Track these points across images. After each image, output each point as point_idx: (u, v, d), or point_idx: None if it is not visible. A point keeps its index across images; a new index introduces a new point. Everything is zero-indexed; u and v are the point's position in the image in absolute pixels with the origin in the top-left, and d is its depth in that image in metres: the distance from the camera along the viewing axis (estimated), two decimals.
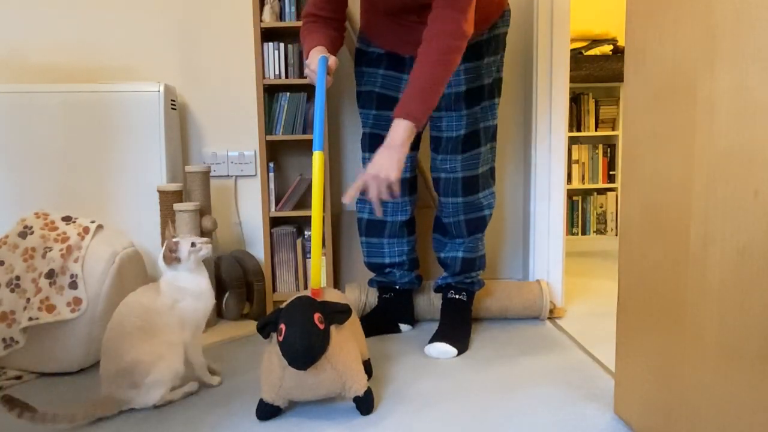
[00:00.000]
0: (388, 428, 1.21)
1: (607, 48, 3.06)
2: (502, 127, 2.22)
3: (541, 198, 2.04)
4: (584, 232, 3.32)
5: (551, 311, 1.95)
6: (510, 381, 1.43)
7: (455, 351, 1.62)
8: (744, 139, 0.80)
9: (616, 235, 3.31)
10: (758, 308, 0.78)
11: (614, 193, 3.30)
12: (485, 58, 1.63)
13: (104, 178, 1.92)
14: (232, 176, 2.22)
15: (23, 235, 1.56)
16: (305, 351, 1.14)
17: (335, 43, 1.57)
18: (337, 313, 1.22)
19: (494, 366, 1.54)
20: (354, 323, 1.37)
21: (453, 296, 1.78)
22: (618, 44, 3.06)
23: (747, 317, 0.80)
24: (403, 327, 1.84)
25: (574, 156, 3.27)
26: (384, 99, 1.68)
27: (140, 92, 1.91)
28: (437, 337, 1.66)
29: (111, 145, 1.91)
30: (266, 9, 1.96)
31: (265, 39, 1.98)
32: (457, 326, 1.71)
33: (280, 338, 1.16)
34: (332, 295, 1.37)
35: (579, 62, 2.98)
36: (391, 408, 1.30)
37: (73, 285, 1.49)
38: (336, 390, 1.23)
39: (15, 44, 2.14)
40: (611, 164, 3.29)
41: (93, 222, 1.62)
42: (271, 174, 2.03)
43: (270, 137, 2.00)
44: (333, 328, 1.22)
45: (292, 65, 2.01)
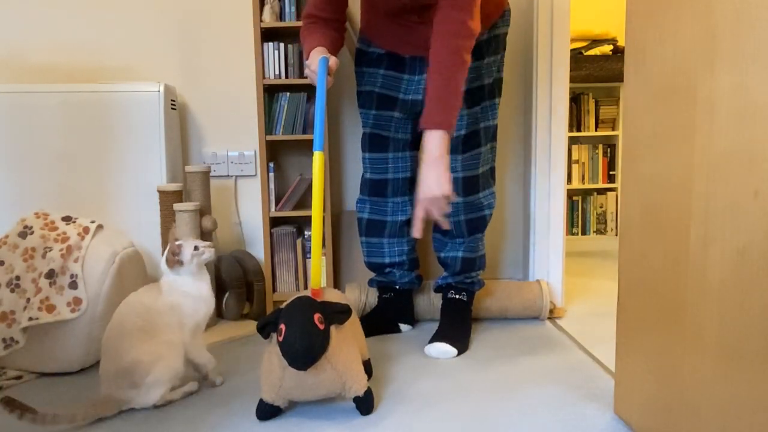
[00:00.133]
0: (388, 428, 1.21)
1: (607, 48, 3.06)
2: (502, 127, 2.22)
3: (541, 198, 2.04)
4: (584, 232, 3.32)
5: (551, 311, 1.95)
6: (510, 381, 1.43)
7: (455, 351, 1.62)
8: (744, 139, 0.80)
9: (616, 235, 3.31)
10: (758, 308, 0.78)
11: (614, 193, 3.30)
12: (485, 58, 1.63)
13: (104, 178, 1.92)
14: (232, 176, 2.22)
15: (23, 235, 1.56)
16: (305, 351, 1.14)
17: (335, 44, 1.57)
18: (337, 313, 1.22)
19: (494, 366, 1.54)
20: (354, 323, 1.37)
21: (453, 296, 1.78)
22: (618, 44, 3.06)
23: (747, 317, 0.80)
24: (403, 327, 1.84)
25: (574, 156, 3.27)
26: (384, 99, 1.68)
27: (140, 92, 1.91)
28: (437, 337, 1.66)
29: (111, 145, 1.91)
30: (266, 9, 1.96)
31: (265, 39, 1.98)
32: (457, 326, 1.71)
33: (280, 338, 1.16)
34: (332, 295, 1.37)
35: (579, 62, 2.98)
36: (391, 408, 1.30)
37: (73, 285, 1.49)
38: (336, 390, 1.23)
39: (15, 44, 2.14)
40: (611, 164, 3.29)
41: (93, 222, 1.62)
42: (271, 174, 2.03)
43: (270, 137, 2.00)
44: (333, 328, 1.22)
45: (292, 65, 2.01)
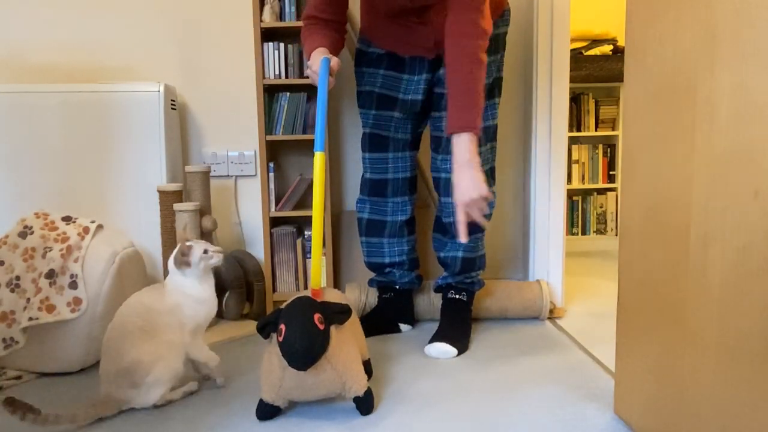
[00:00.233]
0: (388, 428, 1.21)
1: (607, 48, 3.06)
2: (502, 127, 2.22)
3: (541, 198, 2.04)
4: (584, 232, 3.32)
5: (551, 311, 1.95)
6: (510, 381, 1.43)
7: (455, 351, 1.62)
8: (744, 140, 0.80)
9: (616, 235, 3.31)
10: (758, 308, 0.78)
11: (614, 193, 3.30)
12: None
13: (104, 178, 1.92)
14: (232, 176, 2.22)
15: (23, 235, 1.56)
16: (305, 351, 1.14)
17: (336, 45, 1.57)
18: (337, 314, 1.22)
19: (494, 366, 1.54)
20: (354, 323, 1.37)
21: (453, 296, 1.78)
22: (618, 44, 3.06)
23: (747, 317, 0.80)
24: (403, 327, 1.84)
25: (574, 156, 3.27)
26: (384, 99, 1.68)
27: (140, 92, 1.91)
28: (437, 337, 1.66)
29: (111, 145, 1.91)
30: (266, 9, 1.96)
31: (265, 39, 1.98)
32: (457, 326, 1.71)
33: (280, 338, 1.16)
34: (332, 295, 1.37)
35: (579, 62, 2.98)
36: (391, 408, 1.30)
37: (73, 285, 1.49)
38: (336, 390, 1.23)
39: (15, 44, 2.14)
40: (611, 164, 3.29)
41: (93, 222, 1.62)
42: (271, 174, 2.03)
43: (270, 137, 2.00)
44: (333, 329, 1.22)
45: (292, 65, 2.01)
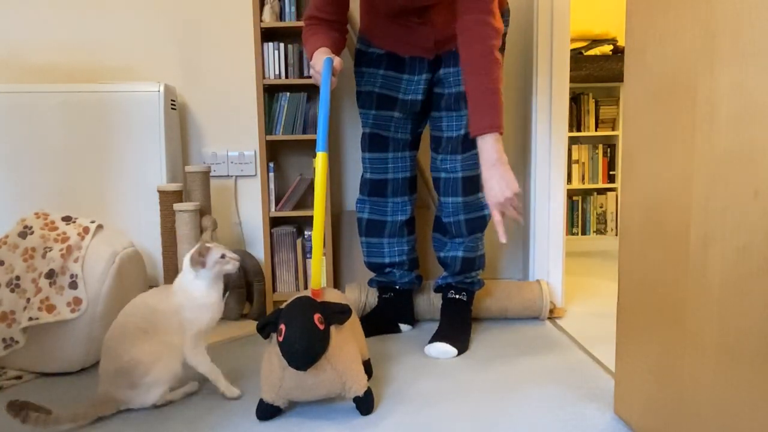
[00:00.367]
0: (388, 428, 1.21)
1: (607, 48, 3.06)
2: None
3: (541, 198, 2.04)
4: (584, 232, 3.32)
5: (551, 311, 1.95)
6: (510, 381, 1.43)
7: (455, 351, 1.62)
8: (744, 140, 0.80)
9: (616, 235, 3.31)
10: (758, 308, 0.78)
11: (614, 193, 3.30)
12: None
13: (104, 178, 1.92)
14: (232, 176, 2.22)
15: (23, 235, 1.56)
16: (305, 351, 1.14)
17: (338, 45, 1.57)
18: (337, 314, 1.22)
19: (494, 366, 1.54)
20: (354, 323, 1.37)
21: (453, 296, 1.78)
22: (618, 44, 3.06)
23: (747, 317, 0.80)
24: (403, 327, 1.84)
25: (574, 156, 3.27)
26: (384, 99, 1.68)
27: (140, 92, 1.91)
28: (437, 337, 1.66)
29: (111, 145, 1.91)
30: (266, 9, 1.96)
31: (265, 39, 1.98)
32: (457, 326, 1.71)
33: (280, 338, 1.16)
34: (332, 296, 1.37)
35: (579, 62, 2.98)
36: (391, 408, 1.30)
37: (73, 285, 1.49)
38: (336, 390, 1.23)
39: (15, 44, 2.14)
40: (611, 164, 3.29)
41: (93, 222, 1.62)
42: (271, 174, 2.03)
43: (270, 137, 2.00)
44: (333, 329, 1.22)
45: (292, 65, 2.01)
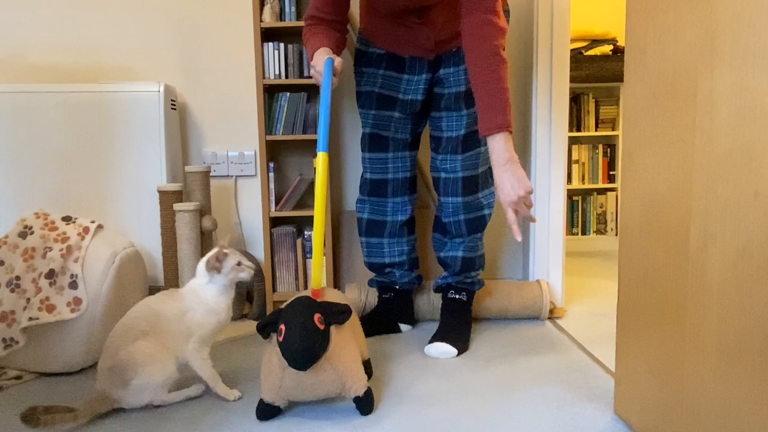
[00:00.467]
0: (388, 428, 1.21)
1: (607, 48, 3.06)
2: None
3: (541, 198, 2.04)
4: (584, 232, 3.32)
5: (551, 311, 1.95)
6: (510, 381, 1.43)
7: (455, 351, 1.62)
8: (744, 140, 0.80)
9: (616, 235, 3.31)
10: (758, 308, 0.78)
11: (614, 193, 3.30)
12: None
13: (104, 178, 1.92)
14: (232, 176, 2.22)
15: (23, 235, 1.56)
16: (305, 351, 1.14)
17: (339, 45, 1.57)
18: (337, 314, 1.22)
19: (494, 366, 1.54)
20: (354, 323, 1.37)
21: (453, 296, 1.78)
22: (618, 44, 3.06)
23: (747, 317, 0.80)
24: (403, 327, 1.84)
25: (574, 156, 3.27)
26: (384, 99, 1.68)
27: (140, 92, 1.91)
28: (437, 337, 1.66)
29: (111, 145, 1.91)
30: (266, 9, 1.96)
31: (265, 39, 1.98)
32: (457, 326, 1.71)
33: (280, 338, 1.16)
34: (332, 296, 1.37)
35: (579, 62, 2.98)
36: (391, 408, 1.30)
37: (73, 285, 1.49)
38: (336, 390, 1.23)
39: (15, 44, 2.14)
40: (611, 164, 3.29)
41: (93, 222, 1.62)
42: (271, 174, 2.03)
43: (270, 137, 2.00)
44: (333, 329, 1.22)
45: (292, 65, 2.01)
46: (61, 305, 1.48)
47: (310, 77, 1.98)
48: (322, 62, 1.42)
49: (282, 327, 1.17)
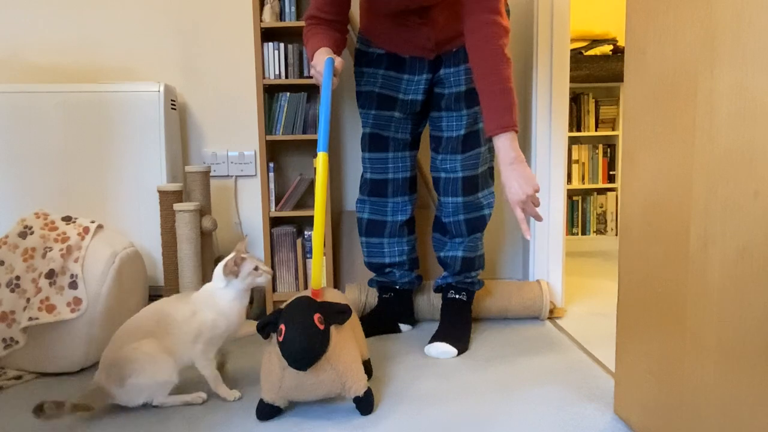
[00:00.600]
0: (388, 428, 1.21)
1: (607, 48, 3.06)
2: None
3: (542, 198, 2.04)
4: (584, 232, 3.32)
5: (551, 311, 1.95)
6: (510, 381, 1.43)
7: (455, 351, 1.62)
8: (744, 140, 0.80)
9: (616, 235, 3.31)
10: (758, 308, 0.78)
11: (614, 193, 3.30)
12: None
13: (104, 178, 1.92)
14: (232, 176, 2.22)
15: (23, 235, 1.56)
16: (305, 351, 1.14)
17: (339, 45, 1.57)
18: (337, 314, 1.22)
19: (494, 366, 1.54)
20: (354, 323, 1.37)
21: (453, 296, 1.78)
22: (618, 44, 3.06)
23: (747, 317, 0.80)
24: (403, 327, 1.84)
25: (574, 156, 3.27)
26: (384, 99, 1.68)
27: (140, 92, 1.91)
28: (437, 337, 1.66)
29: (111, 145, 1.91)
30: (266, 9, 1.96)
31: (265, 39, 1.98)
32: (457, 326, 1.71)
33: (280, 339, 1.16)
34: (332, 295, 1.37)
35: (579, 62, 2.98)
36: (391, 408, 1.30)
37: (73, 285, 1.49)
38: (336, 390, 1.23)
39: (15, 44, 2.14)
40: (611, 164, 3.29)
41: (93, 222, 1.62)
42: (271, 174, 2.03)
43: (270, 137, 2.00)
44: (333, 329, 1.22)
45: (292, 65, 2.01)
46: (61, 305, 1.48)
47: (311, 77, 1.98)
48: (323, 62, 1.42)
49: (282, 327, 1.17)
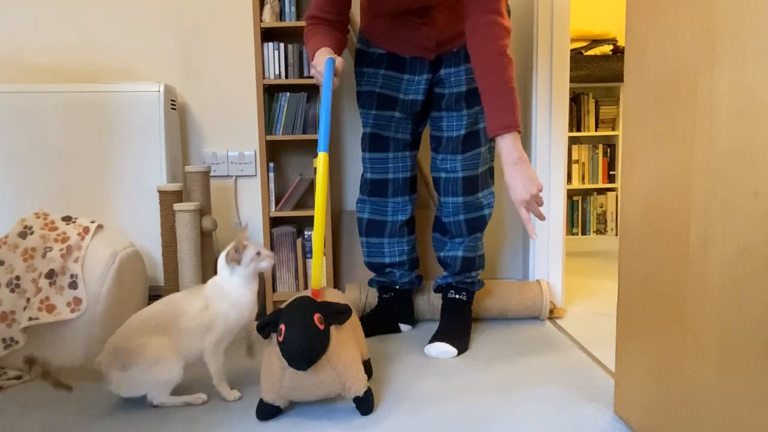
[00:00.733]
0: (388, 428, 1.21)
1: (607, 48, 3.06)
2: None
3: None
4: (584, 232, 3.32)
5: (551, 311, 1.95)
6: (510, 381, 1.43)
7: (455, 351, 1.62)
8: (744, 140, 0.80)
9: (616, 235, 3.31)
10: (758, 308, 0.78)
11: (614, 193, 3.30)
12: None
13: (104, 178, 1.92)
14: (232, 176, 2.22)
15: (23, 235, 1.56)
16: (305, 351, 1.14)
17: (339, 45, 1.57)
18: (337, 314, 1.22)
19: (494, 366, 1.54)
20: (354, 323, 1.37)
21: (453, 296, 1.78)
22: (618, 44, 3.06)
23: (747, 317, 0.80)
24: (403, 327, 1.84)
25: (574, 156, 3.27)
26: (384, 99, 1.68)
27: (140, 92, 1.91)
28: (437, 337, 1.66)
29: (111, 146, 1.91)
30: (266, 9, 1.96)
31: (265, 39, 1.98)
32: (457, 326, 1.71)
33: (280, 338, 1.16)
34: (332, 295, 1.37)
35: (579, 62, 2.98)
36: (391, 408, 1.30)
37: (73, 285, 1.49)
38: (336, 390, 1.23)
39: (15, 44, 2.14)
40: (611, 164, 3.29)
41: (93, 222, 1.62)
42: (271, 174, 2.03)
43: (270, 137, 2.00)
44: (333, 329, 1.22)
45: (292, 65, 2.01)
46: (61, 305, 1.48)
47: (311, 77, 1.99)
48: (323, 62, 1.42)
49: (282, 327, 1.17)
